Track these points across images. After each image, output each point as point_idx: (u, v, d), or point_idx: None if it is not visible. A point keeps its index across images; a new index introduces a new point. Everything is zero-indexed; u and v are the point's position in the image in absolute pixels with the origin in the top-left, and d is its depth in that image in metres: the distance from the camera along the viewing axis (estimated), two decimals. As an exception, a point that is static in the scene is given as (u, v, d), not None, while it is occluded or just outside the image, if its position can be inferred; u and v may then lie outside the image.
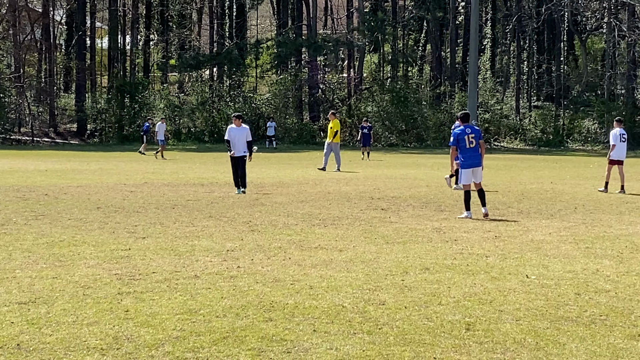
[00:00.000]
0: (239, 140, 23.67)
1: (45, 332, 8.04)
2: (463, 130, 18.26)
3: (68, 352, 7.41)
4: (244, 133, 23.74)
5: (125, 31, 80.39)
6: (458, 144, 18.24)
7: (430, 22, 76.73)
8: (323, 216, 17.94)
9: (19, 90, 71.21)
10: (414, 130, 68.11)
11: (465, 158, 18.23)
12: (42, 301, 9.34)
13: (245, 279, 10.71)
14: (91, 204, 19.73)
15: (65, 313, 8.79)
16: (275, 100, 70.93)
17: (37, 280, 10.50)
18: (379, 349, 7.62)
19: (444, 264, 12.05)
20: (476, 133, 18.35)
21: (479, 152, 18.35)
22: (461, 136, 18.19)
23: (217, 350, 7.51)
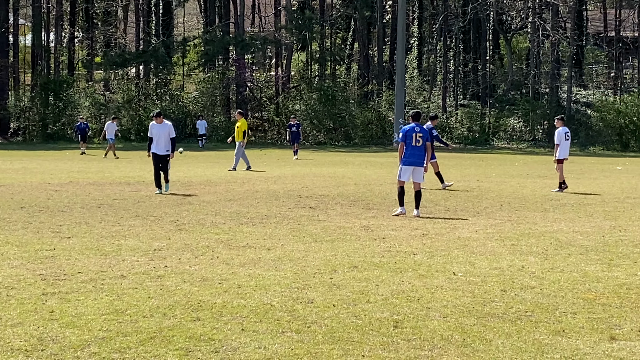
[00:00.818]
0: (160, 138, 23.09)
1: (-32, 334, 7.90)
2: (412, 128, 18.38)
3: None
4: (165, 130, 23.14)
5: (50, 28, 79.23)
6: (405, 140, 18.35)
7: (358, 21, 76.98)
8: (251, 215, 17.90)
9: (-62, 88, 69.87)
10: (342, 128, 68.29)
11: (408, 156, 18.35)
12: (-36, 303, 9.17)
13: (172, 279, 10.63)
14: (15, 204, 19.42)
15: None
16: (203, 99, 70.60)
17: (-41, 281, 10.31)
18: (307, 348, 7.62)
19: (372, 262, 12.10)
20: (424, 133, 18.46)
21: (423, 152, 18.47)
22: (409, 133, 18.31)
23: (144, 351, 7.44)
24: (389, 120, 68.15)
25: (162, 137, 23.09)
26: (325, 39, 79.76)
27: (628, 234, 15.64)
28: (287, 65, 76.86)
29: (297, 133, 46.78)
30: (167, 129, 23.18)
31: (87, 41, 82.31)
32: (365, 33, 77.81)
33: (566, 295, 10.03)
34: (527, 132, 67.95)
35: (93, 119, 69.10)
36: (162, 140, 23.10)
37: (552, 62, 69.43)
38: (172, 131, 23.34)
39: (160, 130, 23.15)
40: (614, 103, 65.59)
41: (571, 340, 8.02)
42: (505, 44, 76.01)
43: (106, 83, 78.67)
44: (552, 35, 67.64)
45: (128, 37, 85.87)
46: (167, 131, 23.15)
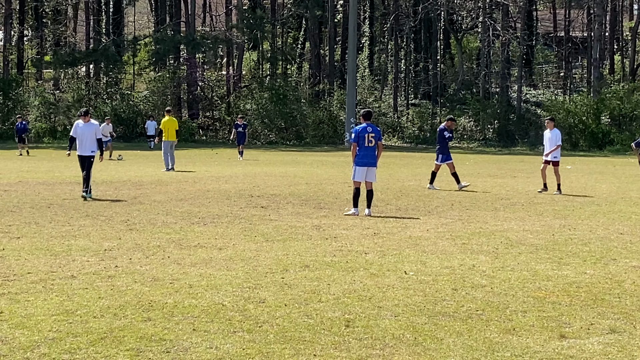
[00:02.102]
0: (86, 138, 21.63)
1: None
2: (364, 128, 18.38)
3: (-61, 356, 7.20)
4: (92, 130, 21.66)
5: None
6: (358, 141, 18.35)
7: (309, 20, 77.05)
8: (202, 214, 17.85)
9: None
10: (293, 128, 68.31)
11: (362, 156, 18.38)
12: None
13: (123, 279, 10.58)
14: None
15: None
16: (154, 98, 70.22)
17: None
18: (259, 347, 7.62)
19: (324, 261, 12.13)
20: (376, 133, 18.48)
21: (375, 152, 18.51)
22: (362, 133, 18.31)
23: (95, 351, 7.40)
24: (340, 120, 68.27)
25: (88, 137, 21.66)
26: (277, 38, 79.79)
27: (577, 232, 15.81)
28: (238, 65, 76.72)
29: (244, 134, 44.51)
30: (94, 129, 21.73)
31: (36, 40, 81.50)
32: (316, 32, 77.89)
33: (516, 293, 10.12)
34: (477, 131, 68.43)
35: (43, 118, 68.46)
36: (87, 140, 21.66)
37: (502, 61, 69.99)
38: (99, 131, 22.05)
39: (86, 129, 21.67)
40: (564, 103, 66.28)
41: (522, 339, 8.09)
42: (456, 43, 76.51)
43: (56, 82, 77.95)
44: (503, 35, 68.17)
45: (78, 36, 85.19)
46: (93, 131, 21.67)
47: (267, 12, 77.52)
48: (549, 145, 24.90)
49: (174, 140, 33.54)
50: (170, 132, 33.30)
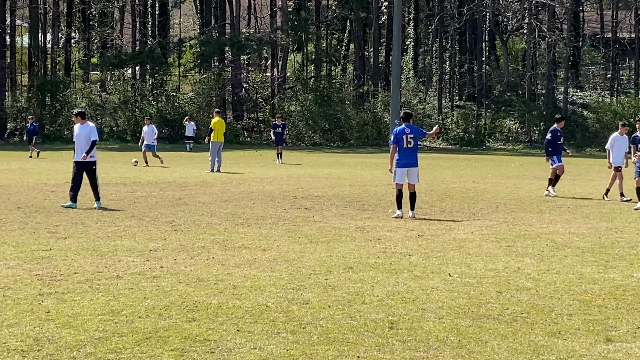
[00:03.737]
0: (82, 142, 19.82)
1: (-36, 334, 7.91)
2: (403, 129, 18.35)
3: (-13, 354, 7.29)
4: (86, 132, 19.79)
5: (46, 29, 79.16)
6: (397, 142, 18.33)
7: (354, 22, 76.95)
8: (247, 215, 17.90)
9: None
10: (337, 129, 68.27)
11: (401, 157, 18.34)
12: (-40, 303, 9.18)
13: (168, 279, 10.64)
14: (11, 204, 19.41)
15: (-16, 315, 8.65)
16: (199, 100, 70.51)
17: (-45, 282, 10.32)
18: (302, 348, 7.63)
19: (368, 262, 12.11)
20: (415, 133, 18.38)
21: (415, 153, 18.43)
22: (400, 135, 18.28)
23: (140, 351, 7.45)
24: (384, 122, 68.09)
25: (83, 140, 19.80)
26: (321, 40, 79.78)
27: (624, 235, 15.66)
28: (282, 66, 76.82)
29: (282, 134, 42.92)
30: (88, 131, 19.78)
31: (83, 42, 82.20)
32: (361, 34, 77.79)
33: (562, 296, 10.04)
34: (523, 133, 67.97)
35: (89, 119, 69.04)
36: (82, 144, 19.81)
37: (548, 63, 69.46)
38: (95, 133, 19.83)
39: (81, 132, 19.94)
40: (611, 104, 65.63)
41: (567, 342, 8.03)
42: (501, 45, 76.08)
43: (102, 84, 78.56)
44: (549, 37, 67.66)
45: (124, 38, 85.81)
46: (87, 133, 19.73)
47: (311, 14, 77.56)
48: (617, 151, 23.01)
49: (222, 141, 33.73)
50: (220, 133, 33.55)
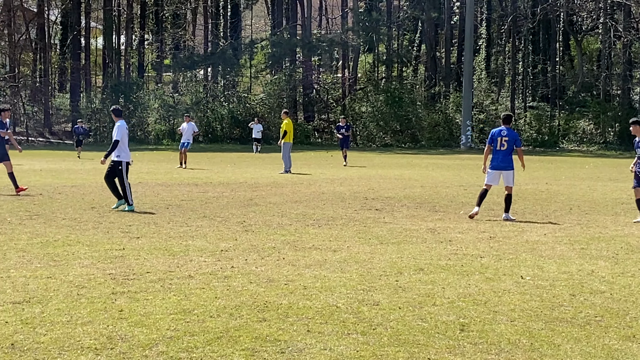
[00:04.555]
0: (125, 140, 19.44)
1: (40, 331, 8.02)
2: (499, 131, 18.31)
3: (62, 351, 7.39)
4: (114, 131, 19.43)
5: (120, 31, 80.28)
6: (492, 143, 18.32)
7: (425, 22, 76.73)
8: (317, 216, 17.92)
9: (14, 90, 71.17)
10: (409, 130, 68.11)
11: (494, 159, 18.30)
12: (36, 301, 9.31)
13: (239, 279, 10.68)
14: (85, 204, 19.69)
15: (59, 313, 8.77)
16: (270, 101, 70.89)
17: (32, 279, 10.47)
18: (373, 350, 7.60)
19: (439, 264, 12.04)
20: (511, 137, 18.23)
21: (509, 156, 18.27)
22: (495, 136, 18.24)
23: (211, 350, 7.49)
24: (456, 122, 67.80)
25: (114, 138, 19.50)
26: (392, 41, 79.63)
27: (700, 238, 15.35)
28: (353, 67, 76.85)
29: (347, 136, 41.63)
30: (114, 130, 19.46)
31: (156, 44, 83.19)
32: (432, 34, 77.50)
33: (637, 300, 9.87)
34: (597, 134, 67.08)
35: (162, 120, 69.77)
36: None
37: (624, 63, 68.45)
38: (116, 132, 19.30)
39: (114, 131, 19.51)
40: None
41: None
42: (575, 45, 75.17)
43: (175, 85, 79.42)
44: (624, 36, 66.69)
45: (197, 40, 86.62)
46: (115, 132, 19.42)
47: (382, 15, 77.45)
48: None
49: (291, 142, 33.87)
50: (290, 134, 33.68)
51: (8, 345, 7.54)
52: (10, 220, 16.59)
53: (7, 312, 8.78)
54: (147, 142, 67.12)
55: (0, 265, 11.41)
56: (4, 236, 14.30)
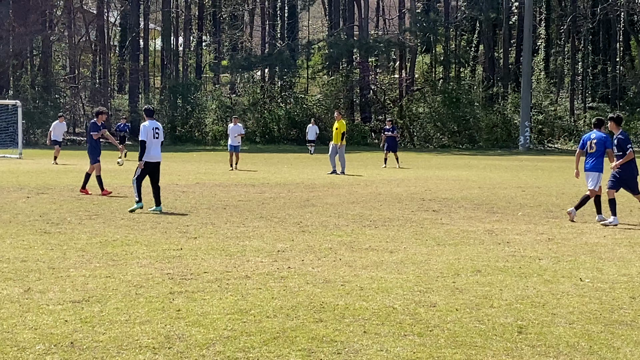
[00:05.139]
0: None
1: (99, 330, 8.11)
2: (589, 135, 18.42)
3: (121, 350, 7.46)
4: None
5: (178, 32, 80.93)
6: (583, 148, 18.39)
7: (483, 23, 76.20)
8: (374, 217, 17.90)
9: (74, 91, 72.09)
10: (466, 131, 67.72)
11: (585, 162, 18.31)
12: (95, 300, 9.42)
13: (295, 280, 10.71)
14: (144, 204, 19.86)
15: (118, 312, 8.86)
16: (327, 101, 70.94)
17: (91, 279, 10.59)
18: (429, 351, 7.57)
19: (496, 266, 11.96)
20: (599, 139, 18.11)
21: (595, 158, 18.10)
22: (585, 140, 18.34)
23: (268, 351, 7.51)
24: (514, 123, 67.27)
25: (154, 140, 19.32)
26: (450, 41, 79.27)
27: None
28: (411, 68, 76.64)
29: (393, 138, 39.74)
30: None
31: (214, 45, 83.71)
32: (490, 35, 77.00)
33: (698, 303, 9.73)
34: (658, 135, 66.20)
35: (219, 121, 70.16)
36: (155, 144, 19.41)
37: (686, 63, 67.49)
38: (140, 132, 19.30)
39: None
40: None
41: (703, 350, 7.77)
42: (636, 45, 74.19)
43: (232, 86, 79.82)
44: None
45: (254, 41, 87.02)
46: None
47: (440, 15, 77.13)
48: None
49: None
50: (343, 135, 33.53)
51: (68, 344, 7.63)
52: (70, 220, 16.80)
53: (66, 310, 8.89)
54: (205, 143, 67.52)
55: (60, 265, 11.55)
56: (64, 236, 14.48)
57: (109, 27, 77.24)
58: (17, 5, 68.68)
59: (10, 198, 21.13)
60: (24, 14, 67.54)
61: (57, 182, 26.34)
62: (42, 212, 17.98)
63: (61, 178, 28.43)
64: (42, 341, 7.71)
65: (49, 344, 7.64)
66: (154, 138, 19.24)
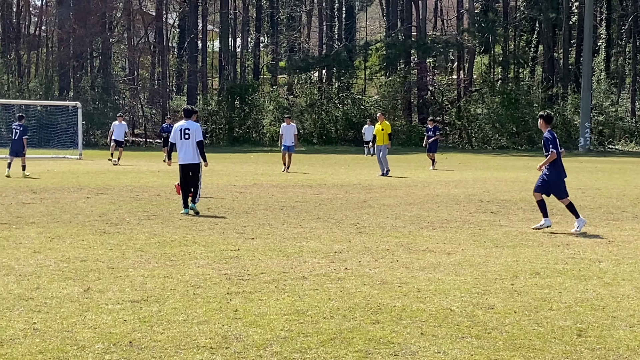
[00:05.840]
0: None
1: (157, 330, 8.17)
2: None
3: (179, 350, 7.51)
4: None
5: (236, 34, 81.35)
6: None
7: (543, 23, 75.54)
8: (431, 219, 17.83)
9: (133, 93, 72.80)
10: (525, 132, 67.15)
11: None
12: (153, 300, 9.49)
13: (352, 281, 10.70)
14: (201, 205, 19.98)
15: (176, 312, 8.92)
16: (384, 102, 70.83)
17: (149, 279, 10.68)
18: (487, 354, 7.52)
19: (555, 268, 11.85)
20: None
21: None
22: None
23: (325, 352, 7.51)
24: (574, 124, 66.62)
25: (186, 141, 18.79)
26: (509, 42, 78.68)
27: None
28: (469, 69, 76.25)
29: (435, 140, 38.49)
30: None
31: (271, 46, 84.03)
32: (550, 35, 76.30)
33: None
34: None
35: (277, 122, 70.42)
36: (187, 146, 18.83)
37: None
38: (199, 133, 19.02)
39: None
40: None
41: None
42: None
43: (290, 87, 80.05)
44: None
45: (311, 42, 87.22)
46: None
47: (499, 16, 76.62)
48: None
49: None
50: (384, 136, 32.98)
51: (126, 343, 7.70)
52: (129, 220, 16.95)
53: (125, 310, 8.97)
54: (262, 144, 67.77)
55: (120, 265, 11.67)
56: (123, 236, 14.62)
57: (167, 28, 77.89)
58: (77, 7, 69.53)
59: (71, 198, 21.40)
60: (84, 16, 68.36)
61: (116, 183, 26.62)
62: (102, 213, 18.17)
63: (120, 179, 28.72)
64: (102, 340, 7.79)
65: (108, 343, 7.72)
66: (182, 139, 18.70)
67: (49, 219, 16.90)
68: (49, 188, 24.34)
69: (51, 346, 7.59)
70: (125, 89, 72.74)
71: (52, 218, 17.11)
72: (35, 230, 15.18)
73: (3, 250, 12.88)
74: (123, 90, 72.48)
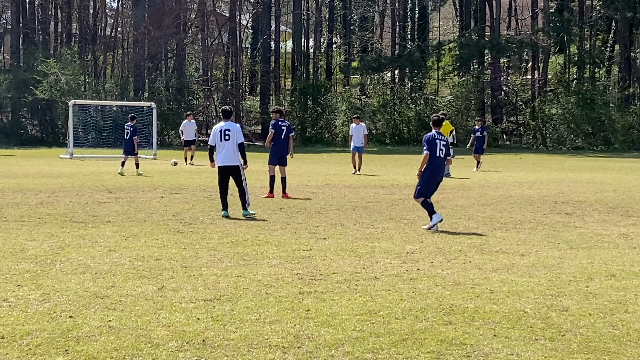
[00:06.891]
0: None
1: (230, 329, 8.23)
2: None
3: (251, 349, 7.56)
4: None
5: (309, 34, 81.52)
6: None
7: (619, 22, 74.38)
8: (504, 220, 17.69)
9: (207, 93, 73.41)
10: (601, 133, 66.20)
11: None
12: (226, 299, 9.56)
13: (424, 282, 10.66)
14: (274, 205, 20.08)
15: (248, 311, 8.98)
16: (457, 103, 70.39)
17: (222, 278, 10.76)
18: (561, 356, 7.44)
19: (631, 270, 11.68)
20: None
21: None
22: None
23: (396, 352, 7.50)
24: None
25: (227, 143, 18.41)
26: (584, 41, 77.63)
27: None
28: (543, 69, 75.37)
29: (482, 139, 37.29)
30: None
31: (344, 46, 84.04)
32: (627, 34, 75.08)
33: None
34: None
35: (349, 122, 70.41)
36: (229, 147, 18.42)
37: None
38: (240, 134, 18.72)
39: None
40: None
41: None
42: None
43: (362, 87, 79.97)
44: None
45: (384, 42, 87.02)
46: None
47: (574, 15, 75.64)
48: None
49: None
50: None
51: (200, 342, 7.78)
52: (202, 219, 17.11)
53: (199, 309, 9.06)
54: (335, 144, 67.78)
55: (193, 264, 11.78)
56: (197, 235, 14.75)
57: (241, 29, 78.34)
58: (152, 9, 70.33)
59: (145, 198, 21.66)
60: (158, 17, 69.12)
61: (189, 183, 26.88)
62: (176, 212, 18.36)
63: (194, 178, 29.00)
64: (175, 338, 7.88)
65: (182, 341, 7.80)
66: (222, 140, 18.39)
67: (123, 218, 17.13)
68: (124, 187, 24.68)
69: (126, 343, 7.69)
70: (199, 90, 73.37)
71: (127, 217, 17.34)
72: (111, 229, 15.40)
73: (79, 248, 13.09)
74: (197, 91, 73.12)
